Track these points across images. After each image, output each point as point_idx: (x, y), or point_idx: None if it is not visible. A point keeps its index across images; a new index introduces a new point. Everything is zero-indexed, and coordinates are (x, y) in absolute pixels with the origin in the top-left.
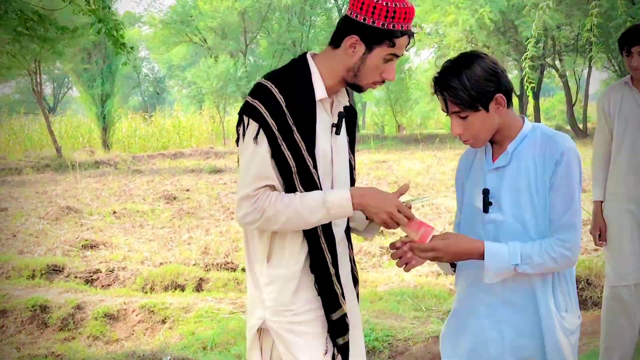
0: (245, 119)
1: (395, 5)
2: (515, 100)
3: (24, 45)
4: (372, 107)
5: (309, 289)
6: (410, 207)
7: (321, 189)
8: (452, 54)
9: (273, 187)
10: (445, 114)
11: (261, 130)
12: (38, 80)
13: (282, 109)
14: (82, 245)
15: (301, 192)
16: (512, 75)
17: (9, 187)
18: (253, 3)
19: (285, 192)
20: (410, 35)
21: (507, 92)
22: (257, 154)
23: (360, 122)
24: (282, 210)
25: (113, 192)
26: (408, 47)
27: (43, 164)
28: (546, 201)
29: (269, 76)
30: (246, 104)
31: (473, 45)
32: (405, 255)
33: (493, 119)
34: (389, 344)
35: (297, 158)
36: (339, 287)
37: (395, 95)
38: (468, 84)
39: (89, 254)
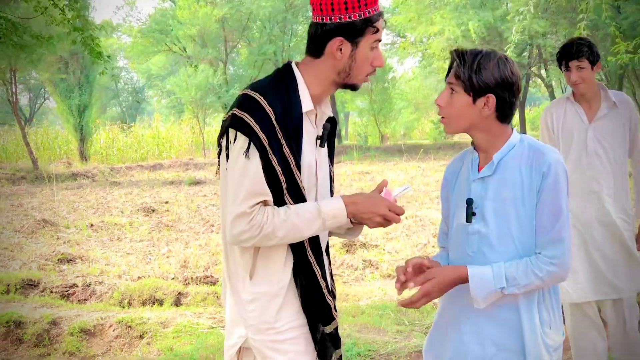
0: (232, 132)
1: None
2: None
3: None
4: (355, 117)
5: (293, 305)
6: (395, 201)
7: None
8: (437, 64)
9: (266, 202)
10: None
11: (252, 144)
12: (13, 90)
13: (272, 123)
14: (59, 259)
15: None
16: None
17: None
18: (233, 11)
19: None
20: (382, 14)
21: (504, 102)
22: (249, 169)
23: (342, 132)
24: (280, 225)
25: (90, 204)
26: (383, 27)
27: (19, 176)
28: (532, 213)
29: (256, 87)
30: (234, 116)
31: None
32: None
33: (474, 113)
34: (371, 358)
35: (287, 172)
36: (330, 299)
37: (378, 105)
38: (476, 66)
39: (65, 268)
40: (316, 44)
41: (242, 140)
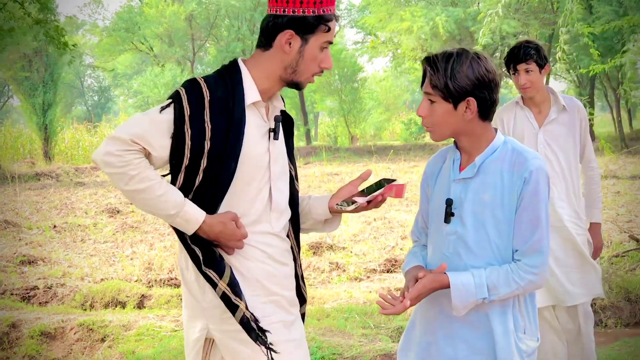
0: (167, 101)
1: None
2: None
3: None
4: (324, 117)
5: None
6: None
7: (211, 196)
8: (408, 63)
9: (148, 153)
10: (420, 90)
11: (172, 106)
12: None
13: (203, 102)
14: (20, 261)
15: (180, 180)
16: None
17: None
18: (200, 8)
19: (183, 184)
20: (337, 18)
21: (485, 102)
22: (154, 118)
23: (312, 133)
24: (145, 178)
25: (54, 205)
26: (336, 32)
27: None
28: (511, 217)
29: (203, 76)
30: (174, 91)
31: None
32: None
33: (457, 119)
34: None
35: (195, 152)
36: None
37: (348, 106)
38: (450, 72)
39: (27, 269)
40: (267, 36)
41: (167, 102)
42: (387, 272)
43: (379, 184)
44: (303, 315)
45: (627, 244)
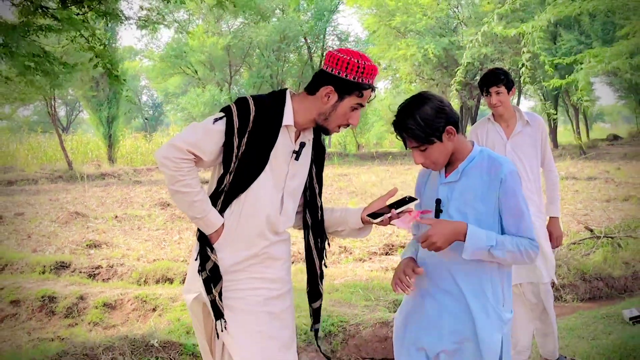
0: (219, 114)
1: (365, 63)
2: None
3: (29, 79)
4: None
5: None
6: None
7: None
8: (404, 85)
9: (198, 160)
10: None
11: (224, 119)
12: (53, 104)
13: (249, 116)
14: (87, 245)
15: (229, 182)
16: (453, 104)
17: (26, 195)
18: (236, 40)
19: (221, 175)
20: (373, 89)
21: (455, 122)
22: (208, 129)
23: (326, 142)
24: (187, 183)
25: (116, 199)
26: (370, 99)
27: (56, 176)
28: (491, 212)
29: (252, 95)
30: (227, 106)
31: (421, 78)
32: (406, 284)
33: (447, 147)
34: (343, 328)
35: (239, 158)
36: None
37: None
38: (422, 123)
39: (93, 252)
40: (314, 84)
41: (219, 115)
42: (385, 254)
43: (403, 200)
44: (318, 310)
45: (583, 234)
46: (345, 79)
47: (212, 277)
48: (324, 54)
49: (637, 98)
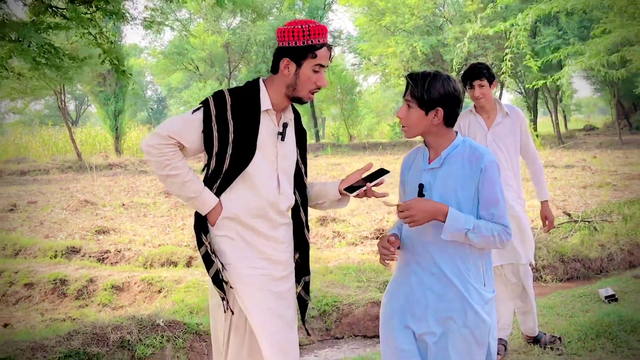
0: (198, 106)
1: (309, 26)
2: None
3: (41, 72)
4: (329, 121)
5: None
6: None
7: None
8: (393, 80)
9: (182, 146)
10: (403, 98)
11: (202, 110)
12: (63, 98)
13: (225, 106)
14: (96, 231)
15: (213, 164)
16: None
17: (38, 185)
18: (234, 38)
19: (207, 161)
20: (329, 47)
21: (450, 112)
22: (187, 119)
23: (320, 133)
24: (175, 166)
25: (123, 188)
26: (331, 57)
27: (66, 166)
28: (470, 197)
29: (228, 88)
30: (205, 99)
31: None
32: (390, 253)
33: (427, 122)
34: (336, 307)
35: (221, 141)
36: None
37: (347, 112)
38: (426, 87)
39: (101, 237)
40: (274, 63)
41: (198, 107)
42: (376, 238)
43: (378, 173)
44: (308, 284)
45: (561, 218)
46: (295, 46)
47: (207, 257)
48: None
49: (612, 91)
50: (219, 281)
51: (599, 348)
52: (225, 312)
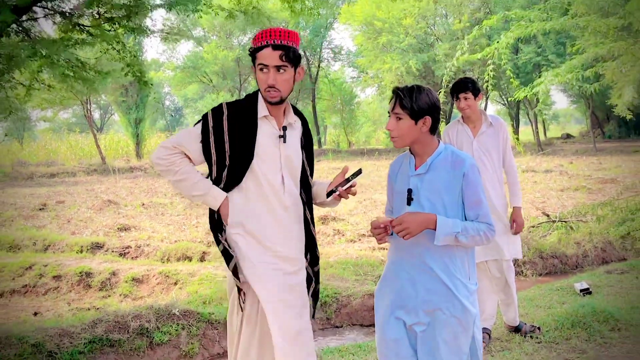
0: (199, 119)
1: (260, 31)
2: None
3: (69, 85)
4: (331, 129)
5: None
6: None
7: (236, 176)
8: (388, 92)
9: (187, 155)
10: (389, 114)
11: (201, 123)
12: (89, 108)
13: (222, 117)
14: (118, 228)
15: (214, 172)
16: None
17: (66, 186)
18: (244, 53)
19: (209, 169)
20: (275, 46)
21: (435, 120)
22: (189, 131)
23: (322, 140)
24: (184, 170)
25: (143, 189)
26: (283, 56)
27: (92, 169)
28: (455, 200)
29: (227, 101)
30: (205, 113)
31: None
32: (383, 232)
33: (416, 131)
34: (336, 299)
35: (219, 151)
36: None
37: (347, 121)
38: (414, 98)
39: (123, 234)
40: None
41: (198, 120)
42: (372, 236)
43: (356, 173)
44: (317, 272)
45: (540, 218)
46: (250, 52)
47: (226, 252)
48: (319, 65)
49: (587, 103)
50: (236, 273)
51: (575, 337)
52: (241, 303)
